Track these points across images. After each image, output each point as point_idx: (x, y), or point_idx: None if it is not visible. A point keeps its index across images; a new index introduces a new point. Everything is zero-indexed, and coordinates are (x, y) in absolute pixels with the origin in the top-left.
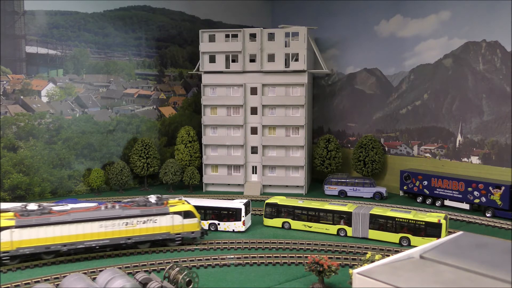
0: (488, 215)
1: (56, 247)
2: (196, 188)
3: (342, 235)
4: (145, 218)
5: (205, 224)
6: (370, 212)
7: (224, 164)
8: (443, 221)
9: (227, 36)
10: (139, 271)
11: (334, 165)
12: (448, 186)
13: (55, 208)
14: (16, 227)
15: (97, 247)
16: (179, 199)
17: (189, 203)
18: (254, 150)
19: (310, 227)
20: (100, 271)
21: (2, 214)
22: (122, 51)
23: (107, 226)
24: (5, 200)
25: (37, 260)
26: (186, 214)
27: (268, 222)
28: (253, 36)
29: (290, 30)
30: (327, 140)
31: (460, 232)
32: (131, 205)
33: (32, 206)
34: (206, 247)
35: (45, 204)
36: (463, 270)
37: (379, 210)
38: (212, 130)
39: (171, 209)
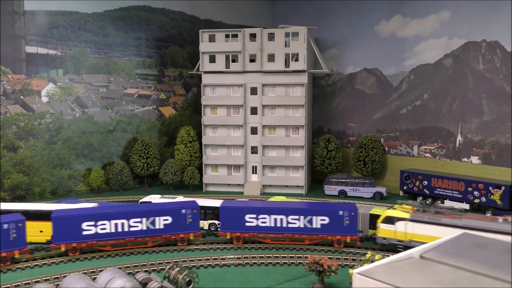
0: (488, 215)
1: None
2: (196, 188)
3: None
4: None
5: (205, 224)
6: (370, 212)
7: (224, 164)
8: None
9: (227, 36)
10: (139, 271)
11: (334, 165)
12: (448, 186)
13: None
14: (410, 220)
15: None
16: None
17: None
18: (254, 150)
19: None
20: (100, 271)
21: (403, 206)
22: (122, 51)
23: None
24: (5, 200)
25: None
26: None
27: None
28: (253, 36)
29: (290, 30)
30: (327, 140)
31: (460, 232)
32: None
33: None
34: (206, 247)
35: (440, 204)
36: (463, 270)
37: (379, 210)
38: (212, 130)
39: None
